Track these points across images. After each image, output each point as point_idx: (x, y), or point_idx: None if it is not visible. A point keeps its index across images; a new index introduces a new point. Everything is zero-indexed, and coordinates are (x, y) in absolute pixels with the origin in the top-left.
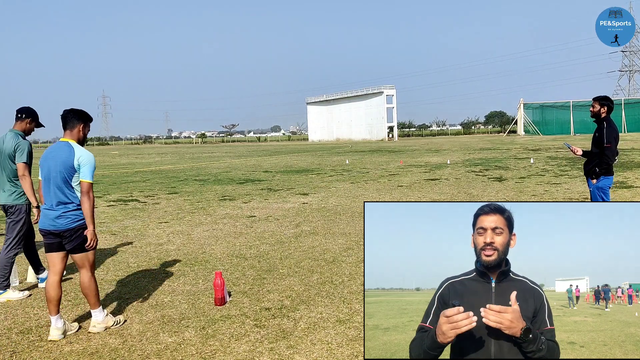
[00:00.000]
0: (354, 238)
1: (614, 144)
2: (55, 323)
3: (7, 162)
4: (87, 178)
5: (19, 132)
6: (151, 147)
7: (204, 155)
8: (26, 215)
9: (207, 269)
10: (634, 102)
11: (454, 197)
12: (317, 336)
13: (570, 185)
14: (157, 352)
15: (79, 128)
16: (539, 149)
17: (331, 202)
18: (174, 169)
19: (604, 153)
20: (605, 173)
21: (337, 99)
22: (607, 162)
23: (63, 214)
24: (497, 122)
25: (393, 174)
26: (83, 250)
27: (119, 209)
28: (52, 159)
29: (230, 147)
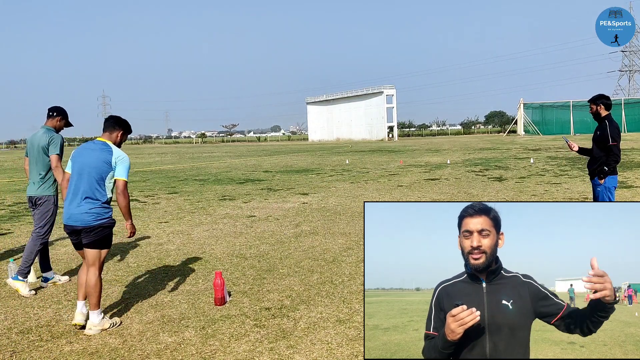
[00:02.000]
0: (354, 238)
1: (619, 141)
2: (81, 308)
3: (41, 155)
4: (123, 176)
5: (50, 128)
6: (151, 147)
7: (204, 155)
8: (54, 207)
9: (207, 268)
10: (634, 102)
11: (454, 197)
12: (317, 336)
13: (570, 185)
14: (157, 352)
15: (117, 134)
16: (539, 148)
17: (331, 202)
18: (174, 168)
19: (611, 151)
20: (612, 172)
21: (337, 99)
22: (616, 161)
23: (89, 210)
24: (497, 122)
25: (393, 174)
26: (97, 247)
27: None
28: (87, 155)
29: (230, 147)
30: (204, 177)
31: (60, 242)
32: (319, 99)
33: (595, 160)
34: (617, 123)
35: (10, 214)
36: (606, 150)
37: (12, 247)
